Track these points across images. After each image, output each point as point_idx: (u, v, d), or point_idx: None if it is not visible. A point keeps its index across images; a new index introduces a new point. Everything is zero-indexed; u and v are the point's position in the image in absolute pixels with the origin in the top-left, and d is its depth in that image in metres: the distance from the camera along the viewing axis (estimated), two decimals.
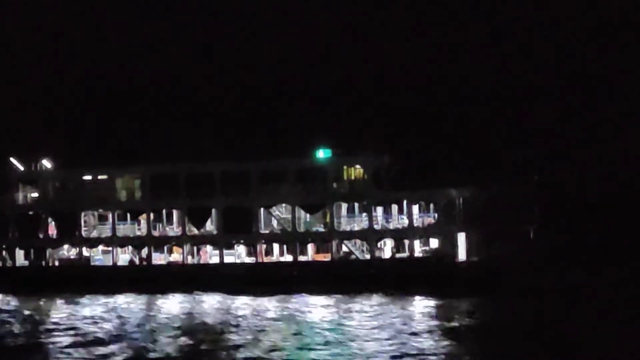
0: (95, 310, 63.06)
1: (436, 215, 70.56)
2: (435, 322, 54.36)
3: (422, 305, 61.35)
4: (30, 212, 77.32)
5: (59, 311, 63.63)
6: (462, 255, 69.80)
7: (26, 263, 77.46)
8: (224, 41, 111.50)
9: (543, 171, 75.05)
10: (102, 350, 48.19)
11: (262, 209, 72.84)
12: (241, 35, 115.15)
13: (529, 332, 50.62)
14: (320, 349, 46.62)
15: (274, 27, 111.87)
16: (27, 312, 63.78)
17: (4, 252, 77.38)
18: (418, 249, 71.02)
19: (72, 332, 54.27)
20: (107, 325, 56.15)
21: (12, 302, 69.36)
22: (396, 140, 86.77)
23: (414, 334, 50.14)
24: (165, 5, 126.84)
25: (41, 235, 76.93)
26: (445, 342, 47.77)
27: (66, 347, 49.46)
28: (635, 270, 72.63)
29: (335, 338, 49.57)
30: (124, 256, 76.18)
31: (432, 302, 62.36)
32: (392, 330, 51.65)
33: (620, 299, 60.38)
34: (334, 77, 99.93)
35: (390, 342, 47.87)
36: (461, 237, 70.00)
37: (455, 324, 53.91)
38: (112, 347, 48.78)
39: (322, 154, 72.76)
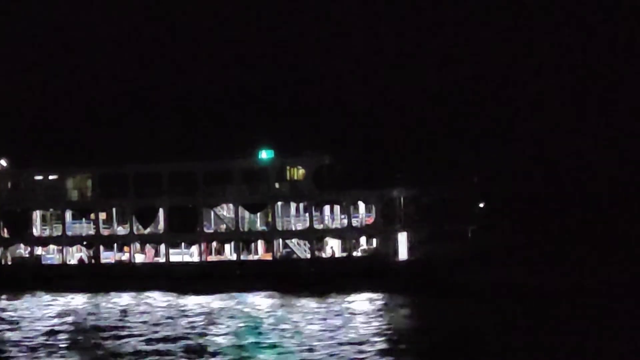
0: (39, 308, 63.82)
1: (376, 215, 71.80)
2: (369, 319, 55.25)
3: (359, 303, 61.99)
4: None
5: (6, 308, 64.37)
6: (402, 254, 69.83)
7: None
8: (174, 42, 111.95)
9: (482, 172, 75.96)
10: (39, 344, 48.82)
11: (207, 209, 73.75)
12: (190, 36, 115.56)
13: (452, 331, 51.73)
14: (261, 346, 46.58)
15: (221, 28, 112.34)
16: None
17: None
18: (358, 249, 71.26)
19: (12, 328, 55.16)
20: (47, 323, 56.93)
21: None
22: (338, 141, 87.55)
23: (351, 330, 50.45)
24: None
25: None
26: (381, 338, 48.60)
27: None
28: (573, 269, 74.06)
29: (275, 335, 49.39)
30: (76, 255, 77.10)
31: (369, 300, 63.07)
32: (330, 326, 51.90)
33: (553, 299, 61.55)
34: (279, 78, 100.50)
35: (327, 337, 48.23)
36: (402, 237, 70.60)
37: (388, 320, 54.85)
38: (51, 343, 49.42)
39: (265, 154, 72.89)
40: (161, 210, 73.56)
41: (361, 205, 71.83)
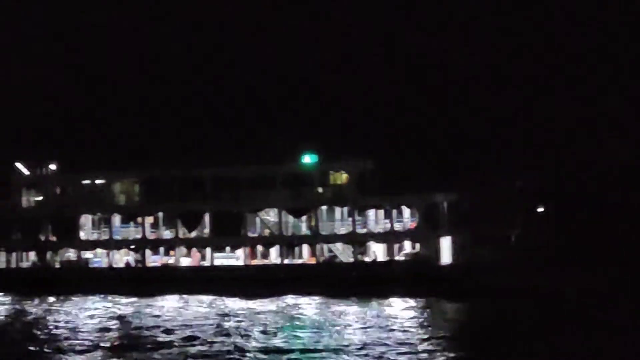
0: (88, 310, 64.56)
1: (419, 219, 71.89)
2: (415, 323, 55.21)
3: (402, 307, 61.90)
4: (32, 216, 79.14)
5: (57, 311, 65.07)
6: (445, 259, 69.80)
7: (29, 265, 78.81)
8: (218, 44, 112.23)
9: (526, 177, 75.75)
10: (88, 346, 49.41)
11: (251, 213, 73.47)
12: (232, 38, 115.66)
13: (500, 333, 51.50)
14: (305, 350, 46.64)
15: (262, 31, 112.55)
16: (27, 311, 64.37)
17: (7, 254, 78.74)
18: (401, 253, 71.16)
19: (65, 331, 55.66)
20: (94, 325, 57.55)
21: (14, 302, 70.62)
22: (381, 146, 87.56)
23: (397, 333, 50.06)
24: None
25: (42, 238, 78.60)
26: (427, 343, 48.55)
27: (63, 346, 49.72)
28: (617, 273, 73.48)
29: (323, 338, 49.17)
30: (124, 258, 76.93)
31: (412, 304, 62.93)
32: (373, 330, 51.63)
33: (596, 303, 61.17)
34: (323, 82, 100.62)
35: (370, 342, 47.90)
36: (445, 241, 70.37)
37: (434, 325, 54.73)
38: (104, 347, 49.83)
39: (308, 159, 73.39)
40: (206, 215, 74.52)
41: (405, 210, 72.11)
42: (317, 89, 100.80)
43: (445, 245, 69.82)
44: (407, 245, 71.53)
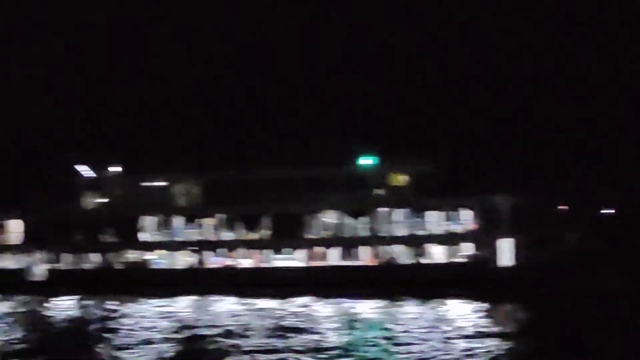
0: (150, 311, 65.25)
1: (478, 221, 71.77)
2: (474, 325, 54.93)
3: (461, 309, 61.81)
4: (95, 217, 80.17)
5: (118, 311, 65.81)
6: (505, 260, 69.45)
7: (92, 266, 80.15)
8: (277, 45, 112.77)
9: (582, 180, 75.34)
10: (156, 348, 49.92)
11: (310, 215, 74.09)
12: (295, 39, 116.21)
13: (564, 335, 51.18)
14: (364, 351, 47.00)
15: (321, 33, 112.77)
16: (90, 311, 65.22)
17: (71, 255, 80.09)
18: (460, 255, 71.11)
19: (126, 330, 56.33)
20: (161, 325, 58.18)
21: (78, 302, 71.67)
22: (441, 147, 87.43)
23: (458, 336, 49.44)
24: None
25: (105, 239, 79.89)
26: (489, 345, 48.41)
27: (126, 345, 50.18)
28: None
29: (379, 340, 48.80)
30: (185, 259, 78.00)
31: (473, 306, 62.58)
32: (433, 332, 51.12)
33: None
34: (381, 84, 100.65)
35: (431, 344, 47.88)
36: (504, 243, 69.90)
37: (494, 327, 54.41)
38: (163, 346, 50.37)
39: (367, 161, 73.74)
40: (266, 216, 74.93)
41: (464, 211, 71.97)
42: (377, 89, 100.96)
43: (505, 247, 69.49)
44: (466, 247, 71.44)
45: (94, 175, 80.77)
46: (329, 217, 73.54)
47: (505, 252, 69.28)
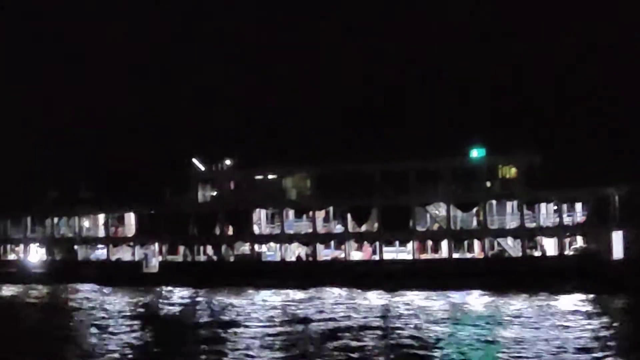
0: (259, 303, 66.12)
1: (590, 213, 70.40)
2: (586, 319, 54.10)
3: (572, 302, 60.76)
4: (208, 210, 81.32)
5: (231, 303, 66.75)
6: (617, 253, 68.04)
7: (204, 258, 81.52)
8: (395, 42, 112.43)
9: None
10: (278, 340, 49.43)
11: (420, 207, 73.47)
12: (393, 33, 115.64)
13: None
14: (475, 345, 45.95)
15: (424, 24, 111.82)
16: (206, 304, 65.97)
17: (185, 248, 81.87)
18: (571, 247, 69.96)
19: (237, 321, 56.66)
20: (268, 315, 58.93)
21: (193, 295, 71.76)
22: (550, 139, 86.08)
23: (571, 331, 49.10)
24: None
25: (218, 232, 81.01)
26: (598, 339, 47.67)
27: (244, 337, 50.45)
28: None
29: (489, 334, 48.69)
30: (296, 251, 78.25)
31: (583, 299, 61.67)
32: (544, 326, 50.65)
33: None
34: (490, 77, 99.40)
35: (542, 338, 46.86)
36: (616, 236, 68.53)
37: (606, 321, 53.56)
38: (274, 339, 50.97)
39: (476, 153, 72.87)
40: (375, 209, 75.11)
41: (575, 204, 70.93)
42: (487, 82, 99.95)
43: (617, 239, 68.25)
44: (578, 240, 70.46)
45: (206, 169, 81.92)
46: (439, 210, 73.28)
47: (617, 244, 68.10)
